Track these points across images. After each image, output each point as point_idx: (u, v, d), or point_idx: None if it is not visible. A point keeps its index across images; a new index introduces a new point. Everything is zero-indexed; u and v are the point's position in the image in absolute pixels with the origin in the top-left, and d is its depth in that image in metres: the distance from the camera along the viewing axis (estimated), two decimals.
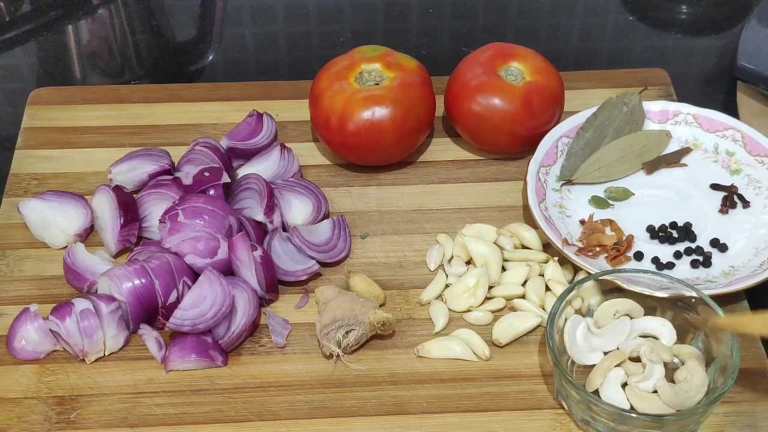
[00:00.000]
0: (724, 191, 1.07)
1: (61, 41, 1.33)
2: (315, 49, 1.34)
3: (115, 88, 1.23)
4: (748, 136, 1.10)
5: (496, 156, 1.13)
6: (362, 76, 1.09)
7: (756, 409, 0.91)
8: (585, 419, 0.89)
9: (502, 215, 1.07)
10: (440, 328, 0.97)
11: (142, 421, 0.91)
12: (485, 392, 0.93)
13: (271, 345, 0.96)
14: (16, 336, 0.95)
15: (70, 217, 1.04)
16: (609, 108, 1.11)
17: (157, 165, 1.08)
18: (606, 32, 1.36)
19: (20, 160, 1.13)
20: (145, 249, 1.00)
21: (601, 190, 1.08)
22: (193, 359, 0.93)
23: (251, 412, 0.91)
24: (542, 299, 0.99)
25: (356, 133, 1.06)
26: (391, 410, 0.91)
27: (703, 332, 0.91)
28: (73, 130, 1.16)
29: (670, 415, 0.86)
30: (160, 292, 0.96)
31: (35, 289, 1.01)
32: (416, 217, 1.08)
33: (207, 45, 1.35)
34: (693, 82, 1.28)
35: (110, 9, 1.38)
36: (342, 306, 0.94)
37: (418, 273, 1.02)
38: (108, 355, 0.95)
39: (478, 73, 1.09)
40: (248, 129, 1.13)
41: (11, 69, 1.31)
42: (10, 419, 0.90)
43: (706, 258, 1.01)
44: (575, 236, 1.03)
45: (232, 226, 1.00)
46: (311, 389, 0.93)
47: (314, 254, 1.01)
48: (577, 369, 0.92)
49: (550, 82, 1.10)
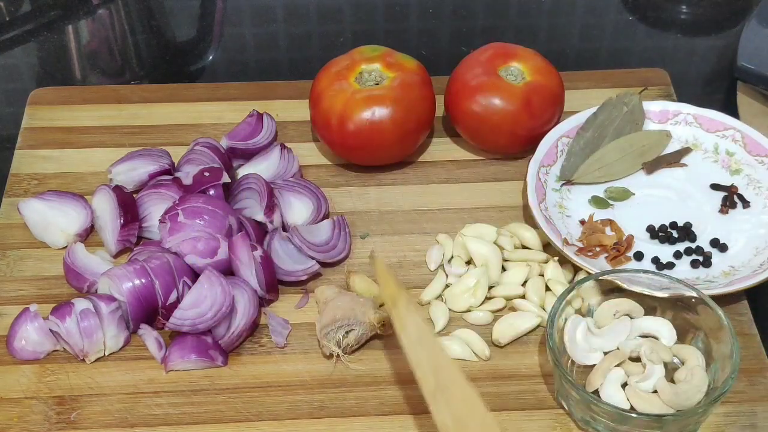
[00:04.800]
0: (724, 191, 1.07)
1: (61, 41, 1.33)
2: (315, 49, 1.34)
3: (114, 88, 1.23)
4: (748, 136, 1.10)
5: (496, 156, 1.13)
6: (362, 76, 1.09)
7: (756, 409, 0.91)
8: (585, 419, 0.89)
9: (502, 215, 1.07)
10: (440, 328, 0.97)
11: (142, 421, 0.91)
12: (485, 392, 0.92)
13: (271, 345, 0.96)
14: (16, 336, 0.95)
15: (70, 217, 1.04)
16: (609, 108, 1.11)
17: (157, 165, 1.08)
18: (606, 32, 1.36)
19: (20, 160, 1.13)
20: (145, 249, 1.00)
21: (601, 190, 1.08)
22: (193, 359, 0.93)
23: (251, 412, 0.91)
24: (542, 299, 0.99)
25: (356, 133, 1.06)
26: (391, 410, 0.91)
27: (703, 332, 0.91)
28: (73, 130, 1.16)
29: (670, 415, 0.86)
30: (160, 292, 0.96)
31: (35, 289, 1.01)
32: (416, 217, 1.08)
33: (207, 45, 1.35)
34: (693, 82, 1.28)
35: (110, 9, 1.38)
36: (342, 306, 0.94)
37: (418, 273, 1.02)
38: (108, 355, 0.95)
39: (478, 73, 1.09)
40: (248, 129, 1.13)
41: (11, 69, 1.31)
42: (10, 419, 0.90)
43: (706, 258, 1.01)
44: (575, 236, 1.03)
45: (232, 226, 1.00)
46: (311, 389, 0.93)
47: (314, 254, 1.01)
48: (577, 369, 0.92)
49: (550, 82, 1.10)
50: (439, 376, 0.78)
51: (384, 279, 0.85)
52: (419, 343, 0.79)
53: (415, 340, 0.80)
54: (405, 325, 0.81)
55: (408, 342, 0.80)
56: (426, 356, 0.79)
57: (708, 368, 0.90)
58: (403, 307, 0.82)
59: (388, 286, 0.84)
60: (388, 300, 0.84)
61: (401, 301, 0.82)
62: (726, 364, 0.87)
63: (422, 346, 0.79)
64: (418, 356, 0.79)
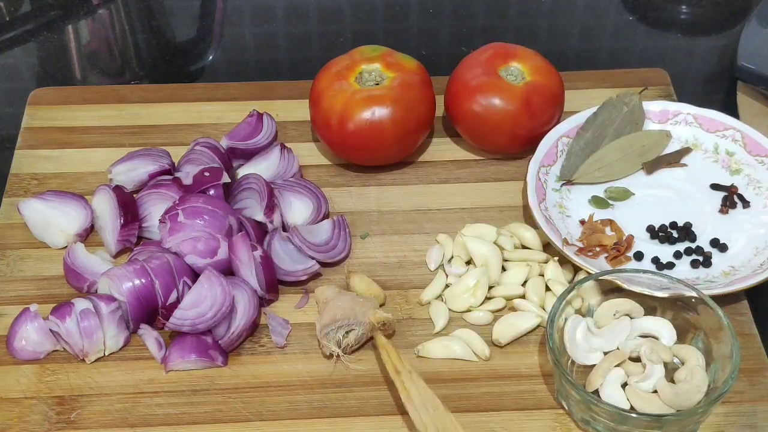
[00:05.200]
0: (724, 191, 1.07)
1: (61, 41, 1.33)
2: (315, 49, 1.34)
3: (114, 88, 1.23)
4: (748, 136, 1.10)
5: (496, 156, 1.13)
6: (362, 76, 1.09)
7: (756, 409, 0.91)
8: (585, 419, 0.89)
9: (502, 215, 1.07)
10: (440, 328, 0.97)
11: (142, 421, 0.91)
12: (485, 392, 0.93)
13: (271, 345, 0.96)
14: (16, 336, 0.95)
15: (70, 217, 1.04)
16: (609, 108, 1.11)
17: (157, 165, 1.08)
18: (606, 32, 1.36)
19: (20, 160, 1.13)
20: (145, 249, 1.00)
21: (601, 190, 1.08)
22: (193, 359, 0.93)
23: (251, 412, 0.91)
24: (542, 299, 0.99)
25: (356, 133, 1.06)
26: (391, 410, 0.91)
27: (703, 332, 0.91)
28: (73, 130, 1.16)
29: (670, 415, 0.86)
30: (160, 292, 0.96)
31: (35, 289, 1.01)
32: (416, 217, 1.08)
33: (207, 45, 1.35)
34: (693, 82, 1.28)
35: (110, 9, 1.38)
36: (342, 306, 0.94)
37: (418, 273, 1.02)
38: (108, 355, 0.95)
39: (478, 73, 1.09)
40: (248, 129, 1.13)
41: (11, 69, 1.31)
42: (10, 419, 0.90)
43: (706, 258, 1.01)
44: (575, 236, 1.03)
45: (232, 226, 1.00)
46: (311, 389, 0.93)
47: (314, 254, 1.01)
48: (577, 369, 0.92)
49: (550, 82, 1.10)
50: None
51: (386, 351, 0.92)
52: (423, 408, 0.87)
53: (419, 405, 0.87)
54: (409, 392, 0.88)
55: (413, 408, 0.87)
56: (430, 419, 0.86)
57: (708, 368, 0.90)
58: (406, 376, 0.89)
59: (390, 359, 0.91)
60: (392, 370, 0.90)
61: (404, 371, 0.90)
62: (726, 364, 0.87)
63: (426, 410, 0.87)
64: (424, 419, 0.86)
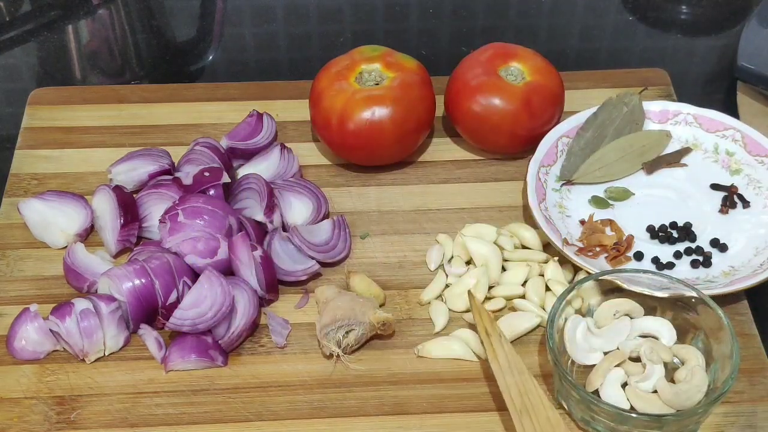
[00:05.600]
0: (724, 191, 1.07)
1: (61, 41, 1.33)
2: (315, 49, 1.34)
3: (114, 88, 1.23)
4: (748, 136, 1.10)
5: (496, 156, 1.13)
6: (362, 76, 1.09)
7: (756, 409, 0.91)
8: (585, 419, 0.89)
9: (502, 215, 1.07)
10: (440, 328, 0.97)
11: (142, 421, 0.91)
12: (485, 392, 0.93)
13: (271, 345, 0.96)
14: (16, 336, 0.95)
15: (70, 217, 1.04)
16: (609, 108, 1.11)
17: (157, 165, 1.08)
18: (606, 32, 1.36)
19: (20, 160, 1.13)
20: (145, 249, 1.00)
21: (601, 190, 1.08)
22: (193, 359, 0.93)
23: (251, 412, 0.91)
24: (542, 299, 0.99)
25: (356, 133, 1.06)
26: (391, 410, 0.91)
27: (703, 332, 0.91)
28: (73, 130, 1.16)
29: (670, 415, 0.86)
30: (160, 292, 0.96)
31: (35, 289, 1.01)
32: (416, 217, 1.08)
33: (207, 45, 1.35)
34: (693, 82, 1.28)
35: (110, 9, 1.38)
36: (342, 306, 0.94)
37: (418, 273, 1.02)
38: (108, 355, 0.95)
39: (478, 73, 1.09)
40: (248, 129, 1.13)
41: (11, 69, 1.31)
42: (10, 419, 0.90)
43: (706, 258, 1.01)
44: (575, 236, 1.03)
45: (232, 226, 1.00)
46: (311, 389, 0.93)
47: (314, 254, 1.01)
48: (577, 369, 0.92)
49: (550, 82, 1.10)
50: (525, 399, 0.88)
51: (479, 314, 0.94)
52: (509, 370, 0.90)
53: (505, 367, 0.90)
54: (497, 354, 0.91)
55: (498, 368, 0.90)
56: (514, 381, 0.89)
57: (708, 368, 0.90)
58: (495, 339, 0.92)
59: (482, 320, 0.93)
60: (482, 332, 0.93)
61: (494, 334, 0.92)
62: (726, 364, 0.87)
63: (511, 372, 0.90)
64: (507, 381, 0.89)
